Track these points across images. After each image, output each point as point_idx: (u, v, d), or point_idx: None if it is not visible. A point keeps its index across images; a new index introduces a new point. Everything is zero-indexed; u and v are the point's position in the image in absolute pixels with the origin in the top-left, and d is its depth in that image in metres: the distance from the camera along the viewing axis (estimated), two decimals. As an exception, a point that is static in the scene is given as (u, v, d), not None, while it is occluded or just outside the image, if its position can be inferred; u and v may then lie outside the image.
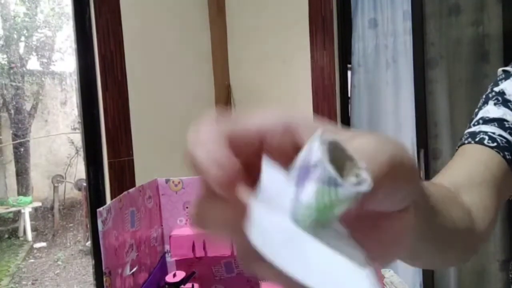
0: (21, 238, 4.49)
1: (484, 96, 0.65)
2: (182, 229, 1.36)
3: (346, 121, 2.24)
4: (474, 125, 0.62)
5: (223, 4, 2.55)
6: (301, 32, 2.24)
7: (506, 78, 0.65)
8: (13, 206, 4.44)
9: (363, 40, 2.22)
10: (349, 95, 2.30)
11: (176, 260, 1.36)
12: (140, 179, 1.91)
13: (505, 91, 0.62)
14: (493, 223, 0.51)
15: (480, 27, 1.89)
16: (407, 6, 2.04)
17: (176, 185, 1.37)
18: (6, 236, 4.49)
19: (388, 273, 1.47)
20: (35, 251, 4.39)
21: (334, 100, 2.18)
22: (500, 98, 0.62)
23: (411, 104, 2.04)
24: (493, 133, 0.58)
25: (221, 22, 2.55)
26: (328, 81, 2.18)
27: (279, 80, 2.38)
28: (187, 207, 1.37)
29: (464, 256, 0.48)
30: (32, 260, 4.23)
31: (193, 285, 1.24)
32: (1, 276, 3.93)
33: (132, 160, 1.95)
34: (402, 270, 2.14)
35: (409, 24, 2.04)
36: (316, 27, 2.19)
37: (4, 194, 4.56)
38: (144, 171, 1.95)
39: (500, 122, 0.59)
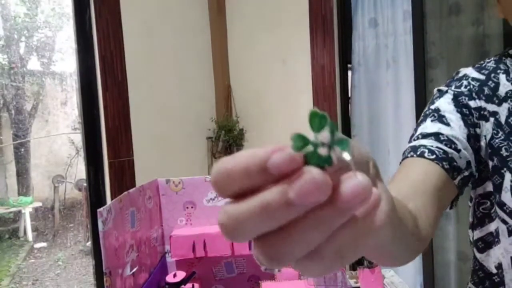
0: (21, 238, 4.49)
1: (423, 114, 0.73)
2: (182, 229, 1.36)
3: (346, 120, 2.24)
4: (414, 140, 0.69)
5: (223, 4, 2.54)
6: (301, 32, 2.24)
7: (440, 96, 0.73)
8: (14, 206, 4.44)
9: (363, 39, 2.22)
10: (349, 95, 2.30)
11: (176, 260, 1.36)
12: (140, 179, 1.91)
13: (440, 108, 0.71)
14: (433, 229, 0.57)
15: (480, 26, 1.89)
16: (407, 6, 2.04)
17: (176, 186, 1.37)
18: (7, 236, 4.49)
19: (388, 273, 1.47)
20: (35, 251, 4.40)
21: (334, 100, 2.18)
22: (436, 115, 0.70)
23: (411, 104, 2.04)
24: (432, 146, 0.65)
25: (221, 22, 2.54)
26: (328, 81, 2.18)
27: (279, 80, 2.38)
28: (187, 207, 1.37)
29: (410, 258, 0.52)
30: (32, 260, 4.24)
31: (193, 285, 1.24)
32: (1, 276, 3.93)
33: (132, 160, 1.94)
34: (403, 270, 2.14)
35: (409, 23, 2.04)
36: (316, 27, 2.19)
37: (4, 194, 4.56)
38: (144, 171, 1.95)
39: (436, 136, 0.67)
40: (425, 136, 0.68)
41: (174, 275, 1.21)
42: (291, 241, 0.21)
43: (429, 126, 0.69)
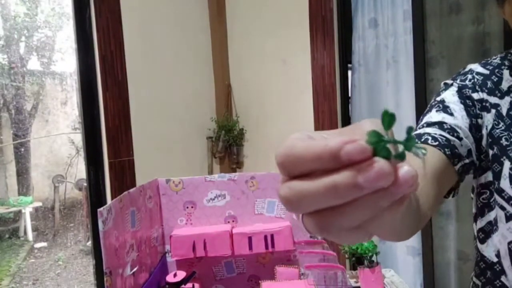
0: (21, 238, 4.49)
1: (429, 105, 0.78)
2: (182, 229, 1.36)
3: (346, 120, 2.24)
4: (419, 128, 0.73)
5: (223, 4, 2.54)
6: (301, 32, 2.24)
7: (446, 89, 0.78)
8: (14, 206, 4.44)
9: (363, 40, 2.22)
10: (349, 95, 2.30)
11: (176, 260, 1.36)
12: (141, 179, 1.91)
13: (445, 99, 0.76)
14: (431, 212, 0.61)
15: (481, 25, 1.89)
16: (407, 6, 2.04)
17: (176, 185, 1.37)
18: (7, 236, 4.49)
19: (388, 273, 1.47)
20: (35, 251, 4.40)
21: (334, 100, 2.18)
22: (441, 105, 0.74)
23: (411, 104, 2.04)
24: (435, 133, 0.68)
25: (221, 22, 2.54)
26: (328, 81, 2.18)
27: (279, 80, 2.38)
28: (187, 207, 1.37)
29: (408, 236, 0.57)
30: (32, 260, 4.24)
31: (193, 285, 1.24)
32: (2, 276, 3.94)
33: (133, 160, 1.95)
34: (403, 270, 2.14)
35: (409, 23, 2.03)
36: (316, 27, 2.19)
37: (4, 194, 4.56)
38: (144, 171, 1.95)
39: (440, 124, 0.70)
40: (429, 124, 0.72)
41: (175, 275, 1.21)
42: (344, 217, 0.25)
43: (434, 115, 0.73)
